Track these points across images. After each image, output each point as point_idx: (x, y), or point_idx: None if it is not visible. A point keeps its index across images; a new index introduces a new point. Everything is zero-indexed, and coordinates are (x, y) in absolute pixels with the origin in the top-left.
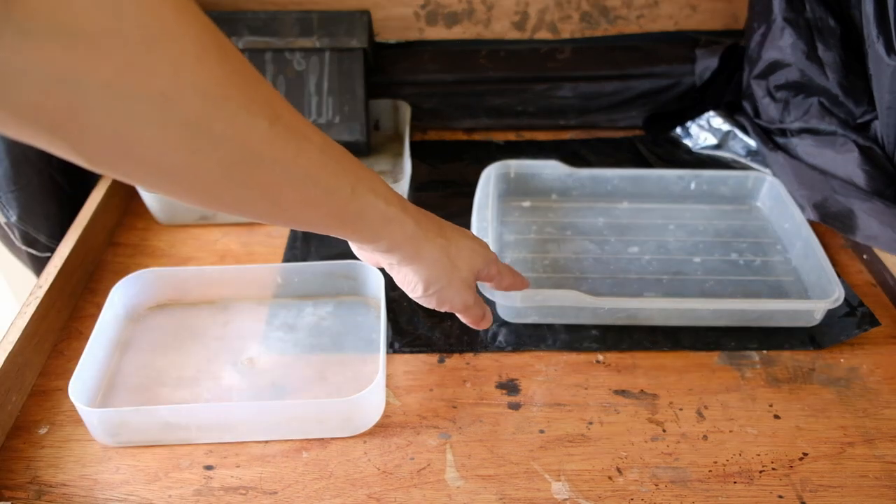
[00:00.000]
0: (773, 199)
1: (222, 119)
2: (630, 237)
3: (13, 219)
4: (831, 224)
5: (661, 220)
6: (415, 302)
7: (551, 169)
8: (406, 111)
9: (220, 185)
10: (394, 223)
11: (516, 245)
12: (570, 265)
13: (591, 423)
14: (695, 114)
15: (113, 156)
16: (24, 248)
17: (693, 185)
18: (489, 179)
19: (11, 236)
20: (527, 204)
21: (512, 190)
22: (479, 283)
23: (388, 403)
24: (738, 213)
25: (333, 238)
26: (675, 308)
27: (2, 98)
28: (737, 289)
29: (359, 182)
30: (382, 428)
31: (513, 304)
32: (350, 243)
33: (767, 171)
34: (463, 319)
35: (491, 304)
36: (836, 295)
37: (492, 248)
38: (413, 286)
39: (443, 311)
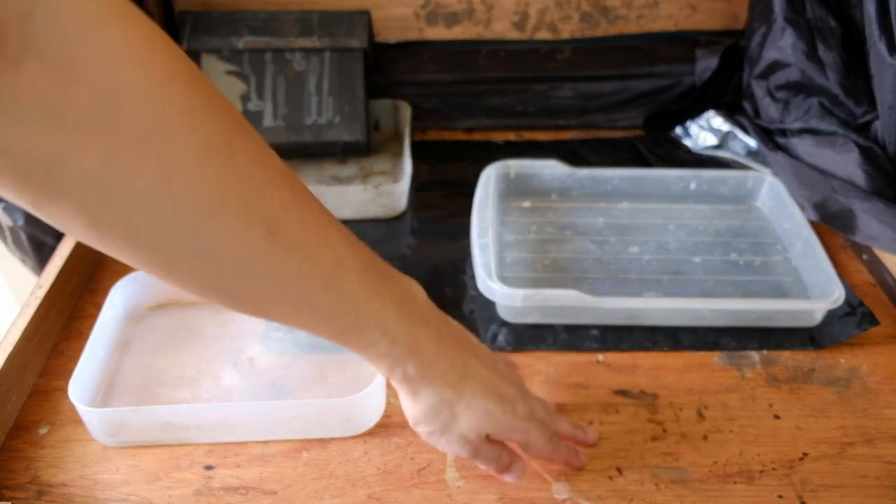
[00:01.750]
0: (774, 199)
1: (212, 227)
2: (630, 237)
3: (20, 222)
4: (831, 224)
5: (661, 220)
6: None
7: (551, 169)
8: (406, 111)
9: (201, 288)
10: (394, 362)
11: (516, 245)
12: (571, 265)
13: (591, 423)
14: (695, 114)
15: (90, 237)
16: (31, 250)
17: (693, 185)
18: (489, 179)
19: (20, 239)
20: (527, 204)
21: (512, 190)
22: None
23: (388, 403)
24: (738, 213)
25: None
26: (675, 308)
27: None
28: (737, 289)
29: (365, 314)
30: (382, 428)
31: (513, 304)
32: None
33: (767, 171)
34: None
35: (491, 303)
36: (837, 295)
37: (491, 248)
38: (405, 411)
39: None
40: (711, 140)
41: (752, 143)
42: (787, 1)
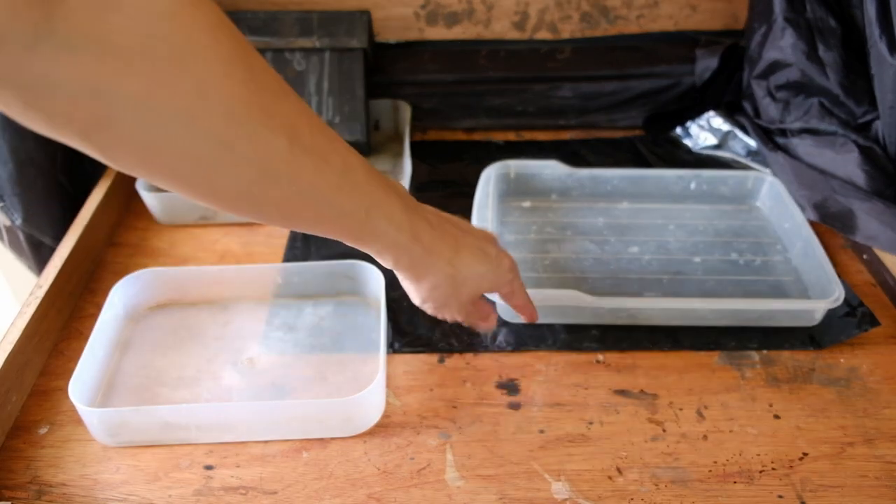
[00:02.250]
0: (773, 199)
1: (243, 137)
2: (630, 237)
3: (18, 221)
4: (831, 224)
5: (661, 220)
6: None
7: (551, 169)
8: (406, 111)
9: (237, 197)
10: (399, 249)
11: (516, 245)
12: (571, 265)
13: (591, 423)
14: (695, 114)
15: (136, 162)
16: (28, 250)
17: (693, 185)
18: (489, 180)
19: (18, 239)
20: (527, 204)
21: (512, 190)
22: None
23: (388, 403)
24: (738, 213)
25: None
26: (675, 308)
27: (37, 103)
28: (737, 288)
29: (374, 207)
30: (382, 428)
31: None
32: None
33: (767, 171)
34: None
35: (491, 303)
36: (837, 294)
37: None
38: (412, 295)
39: (439, 318)
40: (711, 140)
41: (752, 143)
42: (787, 1)
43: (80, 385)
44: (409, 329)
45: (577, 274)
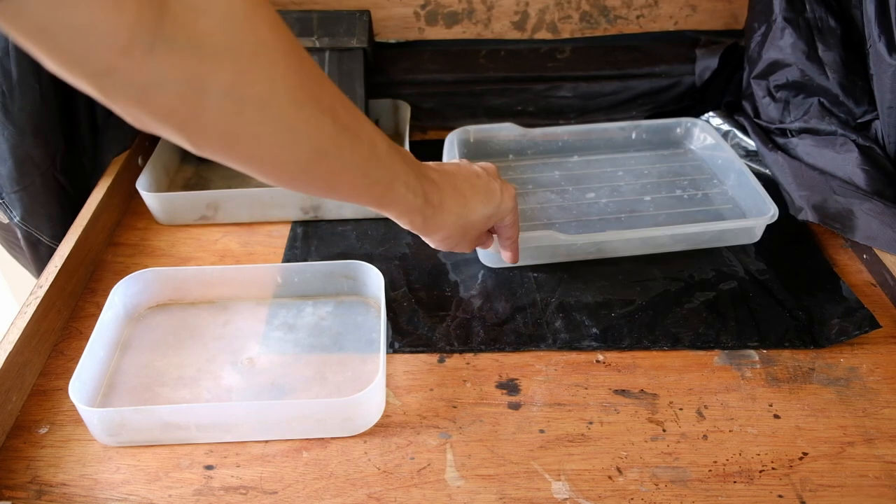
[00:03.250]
0: (705, 141)
1: (302, 119)
2: (585, 185)
3: (16, 219)
4: (830, 225)
5: (610, 168)
6: (415, 302)
7: (507, 130)
8: (406, 111)
9: (296, 173)
10: (416, 212)
11: None
12: (537, 214)
13: (591, 423)
14: (695, 114)
15: (218, 147)
16: (26, 248)
17: (634, 135)
18: (452, 144)
19: (16, 236)
20: None
21: (472, 153)
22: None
23: (388, 403)
24: (676, 156)
25: (333, 238)
26: (638, 238)
27: (149, 100)
28: (686, 219)
29: (395, 177)
30: (382, 428)
31: (493, 248)
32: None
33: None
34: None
35: (473, 252)
36: (772, 212)
37: None
38: (427, 241)
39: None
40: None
41: (751, 143)
42: (787, 1)
43: (80, 385)
44: (409, 329)
45: (544, 221)
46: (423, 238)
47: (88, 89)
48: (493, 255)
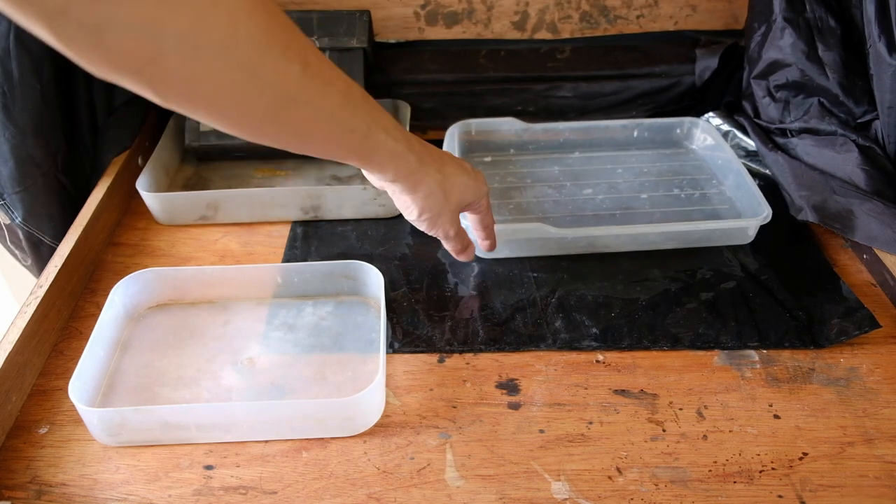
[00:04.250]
0: (706, 141)
1: (266, 65)
2: (583, 181)
3: (18, 220)
4: (830, 225)
5: (609, 165)
6: (415, 302)
7: (508, 125)
8: (406, 111)
9: (263, 121)
10: (399, 159)
11: None
12: (533, 208)
13: (591, 423)
14: (695, 114)
15: (182, 95)
16: (28, 249)
17: (636, 133)
18: (453, 137)
19: (17, 237)
20: (488, 159)
21: (474, 147)
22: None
23: (388, 403)
24: (677, 155)
25: (333, 238)
26: (628, 234)
27: (104, 43)
28: (681, 218)
29: (373, 122)
30: (382, 428)
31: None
32: (364, 172)
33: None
34: (446, 247)
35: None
36: (765, 213)
37: None
38: (409, 211)
39: (431, 234)
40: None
41: (751, 143)
42: (787, 1)
43: (80, 385)
44: (409, 329)
45: (539, 215)
46: (406, 200)
47: (43, 33)
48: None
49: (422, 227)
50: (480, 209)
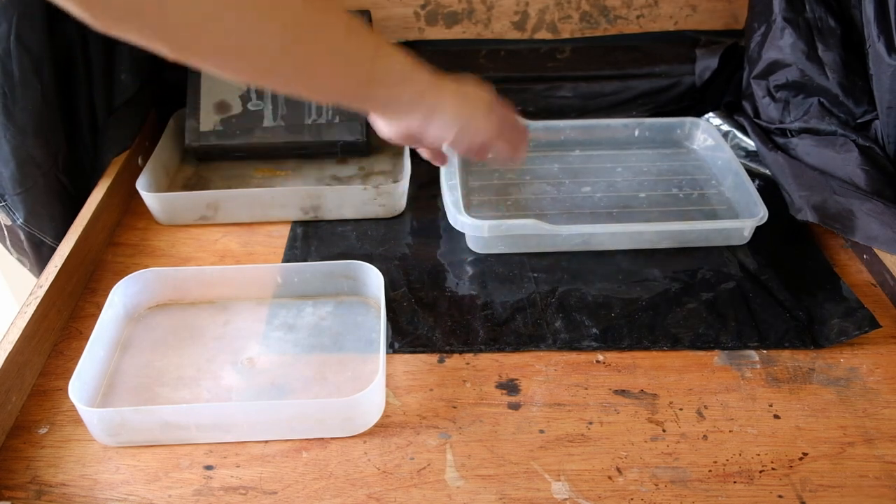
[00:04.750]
0: (707, 142)
1: (268, 1)
2: (582, 179)
3: (19, 221)
4: (830, 225)
5: (609, 163)
6: (415, 302)
7: None
8: None
9: (270, 61)
10: (411, 79)
11: (481, 189)
12: (531, 204)
13: (591, 423)
14: (695, 114)
15: (190, 41)
16: (29, 250)
17: (637, 133)
18: None
19: (19, 238)
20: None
21: None
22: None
23: (388, 403)
24: (677, 155)
25: (333, 238)
26: (623, 232)
27: None
28: (678, 218)
29: (377, 50)
30: (382, 428)
31: (480, 235)
32: (378, 121)
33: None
34: (502, 150)
35: (460, 235)
36: (762, 214)
37: (459, 192)
38: (444, 132)
39: (477, 148)
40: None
41: (751, 143)
42: (787, 1)
43: (80, 385)
44: (409, 329)
45: (536, 211)
46: (434, 126)
47: None
48: (481, 241)
49: (464, 145)
50: (507, 114)
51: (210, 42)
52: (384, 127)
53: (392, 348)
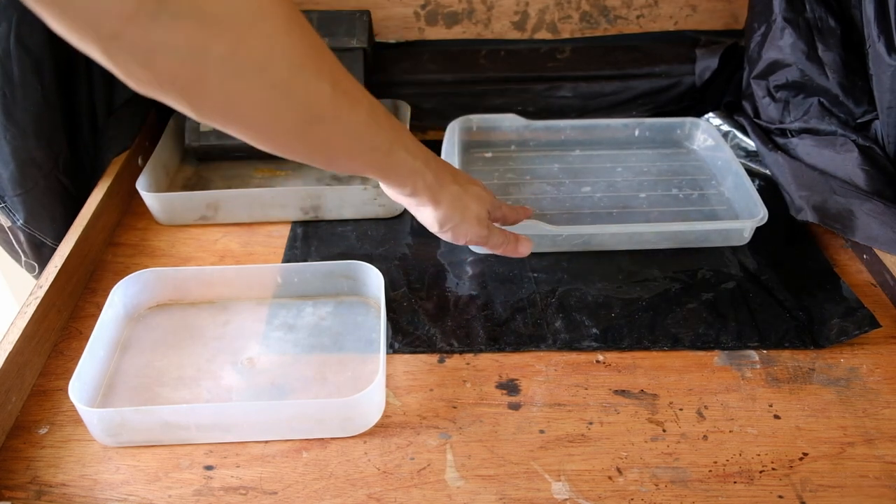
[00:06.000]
0: (707, 142)
1: (299, 84)
2: (582, 179)
3: (20, 222)
4: (830, 225)
5: (609, 163)
6: (415, 302)
7: (510, 121)
8: (406, 111)
9: (292, 138)
10: (417, 174)
11: None
12: (531, 204)
13: (591, 423)
14: (695, 114)
15: (219, 112)
16: (30, 251)
17: (637, 133)
18: (454, 132)
19: (19, 240)
20: (489, 154)
21: (475, 143)
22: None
23: (388, 403)
24: (677, 155)
25: (333, 238)
26: (623, 232)
27: (150, 62)
28: (678, 218)
29: (394, 141)
30: (382, 428)
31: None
32: (382, 186)
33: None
34: (494, 251)
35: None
36: (762, 215)
37: None
38: (431, 224)
39: (462, 244)
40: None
41: (751, 143)
42: (787, 1)
43: (80, 385)
44: (409, 329)
45: (536, 212)
46: (427, 214)
47: (95, 53)
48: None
49: (448, 238)
50: (498, 216)
51: (239, 116)
52: (386, 191)
53: (392, 348)
